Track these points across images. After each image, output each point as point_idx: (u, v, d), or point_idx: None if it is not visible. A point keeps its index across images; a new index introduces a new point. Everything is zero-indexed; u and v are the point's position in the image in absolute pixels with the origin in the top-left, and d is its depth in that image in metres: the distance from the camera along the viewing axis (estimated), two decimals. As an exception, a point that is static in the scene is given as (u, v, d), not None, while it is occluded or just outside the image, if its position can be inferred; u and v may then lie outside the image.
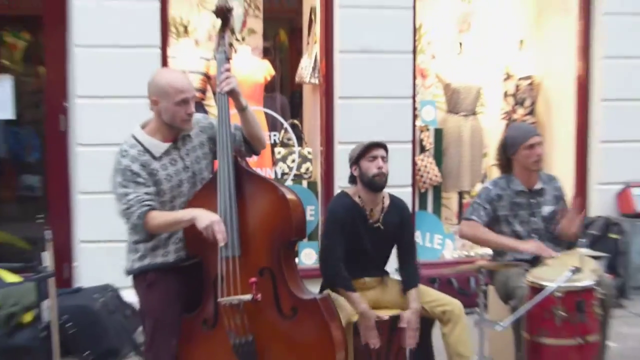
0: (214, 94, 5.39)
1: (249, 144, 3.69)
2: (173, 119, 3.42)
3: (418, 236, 6.76)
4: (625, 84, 6.89)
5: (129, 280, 3.76)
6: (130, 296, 4.71)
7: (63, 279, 5.95)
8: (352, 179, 4.25)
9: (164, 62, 5.94)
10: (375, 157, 4.06)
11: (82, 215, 5.91)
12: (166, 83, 3.46)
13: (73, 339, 5.25)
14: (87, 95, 5.76)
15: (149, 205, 3.35)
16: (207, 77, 6.39)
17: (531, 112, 7.47)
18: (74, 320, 5.23)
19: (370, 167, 4.04)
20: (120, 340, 5.45)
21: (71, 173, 6.05)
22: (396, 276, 4.44)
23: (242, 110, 3.52)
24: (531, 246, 4.34)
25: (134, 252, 3.60)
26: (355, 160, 4.12)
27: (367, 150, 4.09)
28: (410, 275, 4.28)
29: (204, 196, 3.59)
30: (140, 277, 3.61)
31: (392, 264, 4.47)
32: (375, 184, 4.07)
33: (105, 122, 5.59)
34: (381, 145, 4.11)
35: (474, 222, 4.47)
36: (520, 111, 7.42)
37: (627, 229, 6.59)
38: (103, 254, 5.37)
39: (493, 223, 4.50)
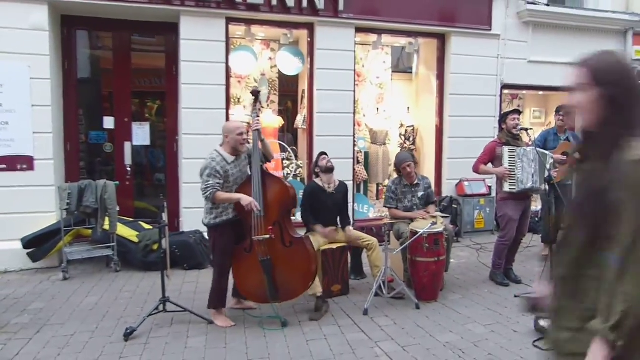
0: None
1: (266, 157, 4.24)
2: (236, 144, 4.08)
3: (357, 207, 7.18)
4: (459, 129, 7.53)
5: (205, 228, 4.33)
6: (206, 236, 5.02)
7: (174, 226, 6.46)
8: (315, 174, 5.02)
9: (227, 118, 6.39)
10: (324, 159, 4.93)
11: (184, 194, 6.33)
12: (232, 126, 4.14)
13: (178, 258, 5.79)
14: (187, 133, 6.28)
15: (216, 189, 3.92)
16: (249, 124, 5.92)
17: (414, 144, 8.02)
18: (178, 248, 5.80)
19: (323, 163, 4.91)
20: (202, 258, 5.92)
21: (180, 172, 6.53)
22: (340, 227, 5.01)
23: (261, 140, 4.14)
24: (416, 214, 5.08)
25: (210, 214, 4.10)
26: (317, 163, 5.02)
27: (320, 157, 4.99)
28: (345, 221, 5.02)
29: (245, 185, 4.08)
30: (213, 227, 4.12)
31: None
32: (327, 169, 4.89)
33: (196, 147, 5.94)
34: (325, 153, 4.97)
35: (392, 209, 5.24)
36: (408, 143, 7.99)
37: (461, 203, 7.41)
38: (194, 214, 5.61)
39: (397, 203, 5.20)
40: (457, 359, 3.54)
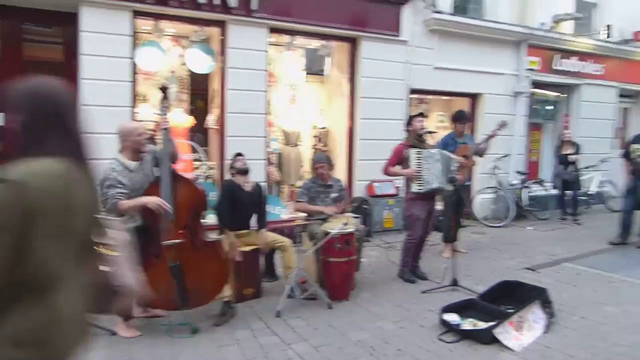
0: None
1: (172, 158, 4.00)
2: (137, 146, 3.83)
3: (269, 208, 6.54)
4: (370, 131, 7.66)
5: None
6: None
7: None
8: (232, 176, 4.95)
9: (132, 117, 6.08)
10: (240, 160, 4.91)
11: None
12: (128, 127, 3.91)
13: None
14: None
15: (118, 199, 3.65)
16: (157, 123, 6.33)
17: (325, 145, 8.16)
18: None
19: (239, 164, 4.86)
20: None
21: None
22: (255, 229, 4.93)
23: (169, 140, 3.98)
24: (328, 209, 5.04)
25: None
26: (232, 165, 4.96)
27: (236, 158, 4.95)
28: (262, 222, 4.94)
29: (153, 188, 3.86)
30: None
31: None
32: (242, 171, 4.86)
33: (97, 147, 5.58)
34: (242, 154, 4.95)
35: (301, 202, 5.23)
36: (320, 145, 8.13)
37: (372, 203, 7.55)
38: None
39: (309, 201, 5.18)
40: (368, 356, 3.61)
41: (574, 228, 8.69)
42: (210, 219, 5.20)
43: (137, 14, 6.17)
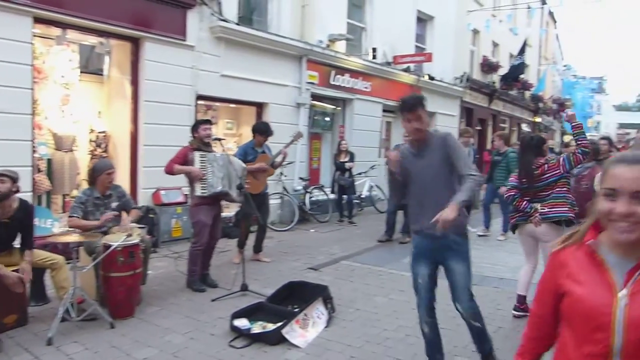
0: None
1: None
2: None
3: (37, 221, 5.89)
4: (155, 137, 7.44)
5: None
6: None
7: None
8: None
9: None
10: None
11: None
12: None
13: None
14: None
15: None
16: None
17: (105, 151, 7.66)
18: None
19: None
20: None
21: None
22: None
23: None
24: (100, 221, 4.76)
25: None
26: None
27: None
28: (27, 244, 4.31)
29: None
30: None
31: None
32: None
33: None
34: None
35: (75, 218, 4.76)
36: (99, 150, 7.61)
37: (158, 212, 7.34)
38: None
39: (85, 216, 4.78)
40: (155, 374, 3.43)
41: (350, 229, 9.48)
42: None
43: None
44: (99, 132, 7.77)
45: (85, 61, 7.70)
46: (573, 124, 4.67)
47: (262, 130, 6.44)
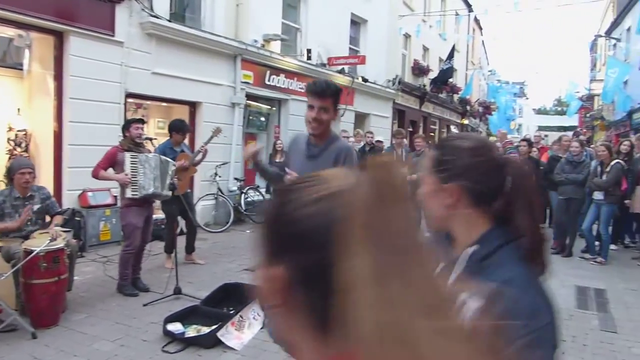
0: None
1: None
2: None
3: None
4: (82, 136, 7.11)
5: None
6: None
7: None
8: None
9: None
10: None
11: None
12: None
13: None
14: None
15: None
16: None
17: (26, 150, 7.23)
18: None
19: None
20: None
21: None
22: None
23: None
24: (20, 219, 4.52)
25: None
26: None
27: None
28: None
29: None
30: None
31: None
32: None
33: None
34: None
35: None
36: (19, 150, 7.25)
37: (85, 214, 7.07)
38: None
39: (1, 218, 4.54)
40: (82, 384, 3.29)
41: (284, 228, 9.52)
42: None
43: None
44: (19, 131, 7.37)
45: (3, 54, 7.27)
46: (502, 143, 4.86)
47: (178, 127, 6.25)
